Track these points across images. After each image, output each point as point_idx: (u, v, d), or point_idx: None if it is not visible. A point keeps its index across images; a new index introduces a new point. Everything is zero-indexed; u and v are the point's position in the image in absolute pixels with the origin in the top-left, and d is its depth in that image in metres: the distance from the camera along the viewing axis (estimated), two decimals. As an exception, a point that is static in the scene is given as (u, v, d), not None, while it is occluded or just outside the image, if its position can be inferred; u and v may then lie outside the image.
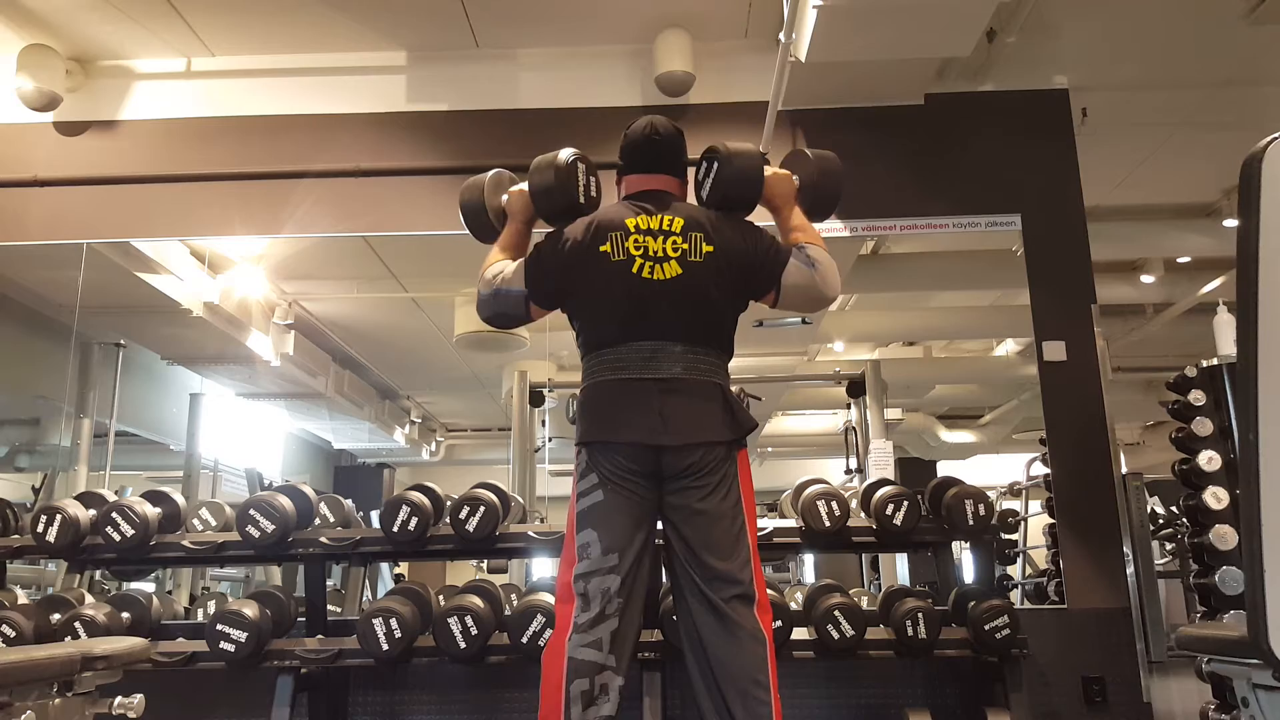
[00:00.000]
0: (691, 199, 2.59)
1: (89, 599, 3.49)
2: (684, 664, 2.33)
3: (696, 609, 2.29)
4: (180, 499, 3.56)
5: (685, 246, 2.37)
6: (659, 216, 2.42)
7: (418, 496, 3.34)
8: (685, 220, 2.42)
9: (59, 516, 3.30)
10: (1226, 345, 3.50)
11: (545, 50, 4.41)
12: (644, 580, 2.35)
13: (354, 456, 8.76)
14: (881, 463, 4.50)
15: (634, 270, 2.35)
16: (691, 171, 2.62)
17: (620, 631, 2.25)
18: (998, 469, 7.36)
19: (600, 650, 2.23)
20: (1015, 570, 6.36)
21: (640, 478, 2.33)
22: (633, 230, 2.39)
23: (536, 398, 5.35)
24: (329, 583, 3.86)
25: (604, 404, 2.35)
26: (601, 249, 2.37)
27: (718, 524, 2.31)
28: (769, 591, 3.20)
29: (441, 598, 3.57)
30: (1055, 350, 3.95)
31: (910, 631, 3.12)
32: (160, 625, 3.40)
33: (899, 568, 4.88)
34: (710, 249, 2.38)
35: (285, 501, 3.32)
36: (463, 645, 3.08)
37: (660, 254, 2.35)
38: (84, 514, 3.35)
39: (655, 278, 2.34)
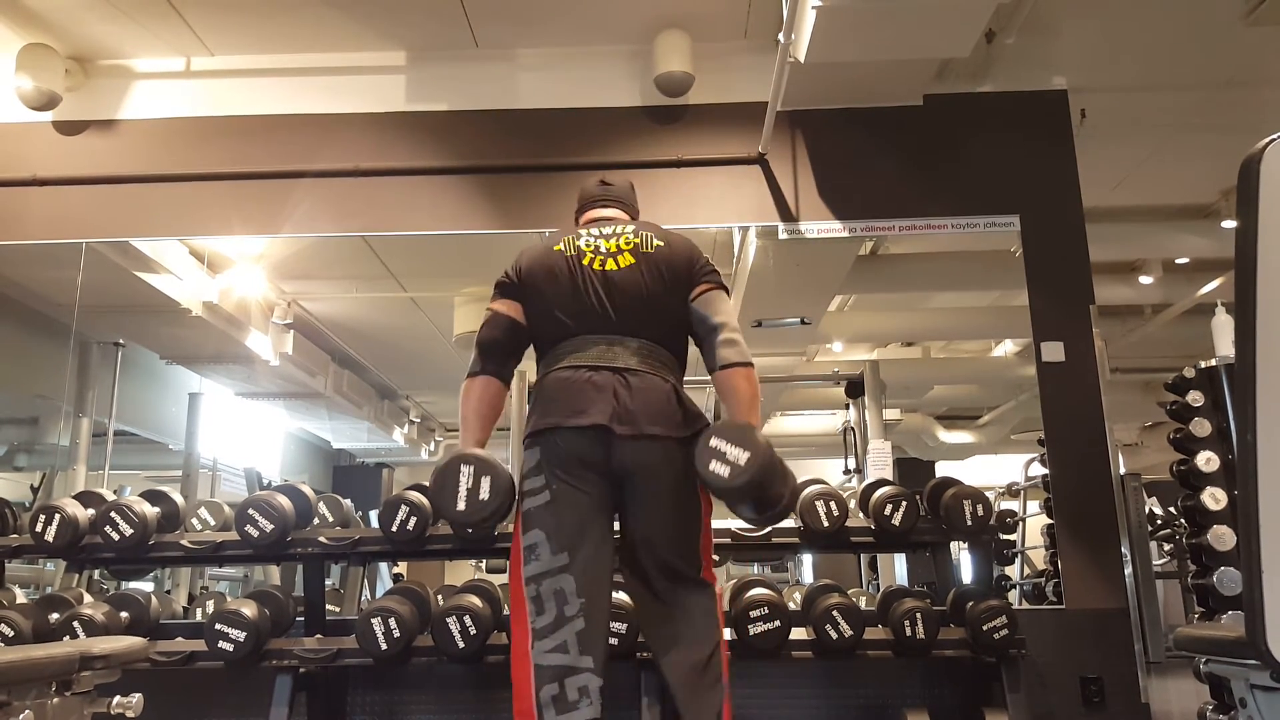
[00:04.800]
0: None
1: (87, 598, 3.49)
2: None
3: (650, 598, 2.34)
4: (179, 498, 3.56)
5: (637, 241, 2.49)
6: (611, 226, 2.57)
7: (417, 496, 3.33)
8: (636, 226, 2.57)
9: (58, 516, 3.29)
10: (1225, 346, 3.51)
11: (545, 50, 4.41)
12: (607, 577, 2.32)
13: (353, 456, 8.77)
14: (880, 463, 4.50)
15: (585, 263, 2.45)
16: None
17: (587, 632, 2.21)
18: (996, 469, 7.37)
19: (567, 653, 2.19)
20: (1013, 570, 6.36)
21: (590, 471, 2.30)
22: (584, 234, 2.53)
23: (535, 398, 5.34)
24: (328, 582, 3.86)
25: (559, 392, 2.35)
26: (555, 248, 2.51)
27: (672, 520, 2.33)
28: (768, 591, 3.23)
29: (440, 597, 3.57)
30: (1054, 351, 3.95)
31: (908, 632, 3.12)
32: (159, 625, 3.39)
33: (897, 568, 4.87)
34: (661, 244, 2.50)
35: (284, 501, 3.32)
36: (461, 645, 3.08)
37: (613, 249, 2.47)
38: (83, 513, 3.35)
39: (609, 269, 2.43)
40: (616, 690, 2.41)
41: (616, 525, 2.43)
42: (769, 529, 3.37)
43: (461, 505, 2.23)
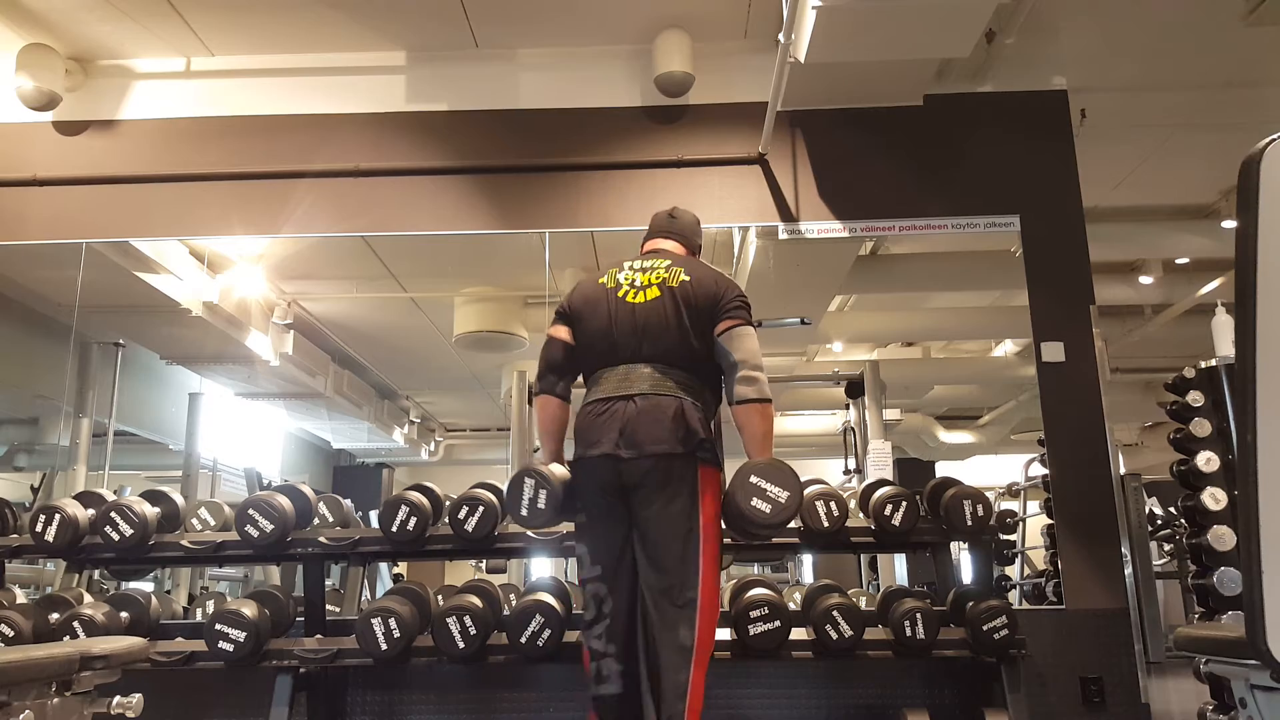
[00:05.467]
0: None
1: (88, 598, 3.49)
2: None
3: (647, 608, 2.59)
4: (179, 499, 3.56)
5: (665, 275, 2.72)
6: (654, 259, 2.81)
7: (417, 496, 3.34)
8: (672, 260, 2.80)
9: (58, 516, 3.30)
10: (1225, 346, 3.51)
11: (545, 50, 4.42)
12: (632, 583, 2.61)
13: (353, 456, 8.77)
14: (880, 463, 4.50)
15: (620, 295, 2.72)
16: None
17: (612, 627, 2.59)
18: (996, 469, 7.38)
19: (602, 642, 2.59)
20: (1013, 571, 6.37)
21: (609, 493, 2.60)
22: (627, 268, 2.79)
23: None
24: (328, 582, 3.86)
25: (585, 424, 2.67)
26: (600, 281, 2.79)
27: (665, 531, 2.55)
28: (768, 591, 3.23)
29: (440, 598, 3.57)
30: (1054, 351, 3.95)
31: (909, 632, 3.12)
32: (159, 625, 3.40)
33: (897, 568, 4.88)
34: (686, 278, 2.71)
35: (284, 501, 3.32)
36: (461, 645, 3.08)
37: (645, 283, 2.72)
38: (83, 513, 3.35)
39: (637, 301, 2.69)
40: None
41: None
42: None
43: (524, 512, 2.67)
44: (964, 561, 4.88)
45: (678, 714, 2.47)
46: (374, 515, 3.52)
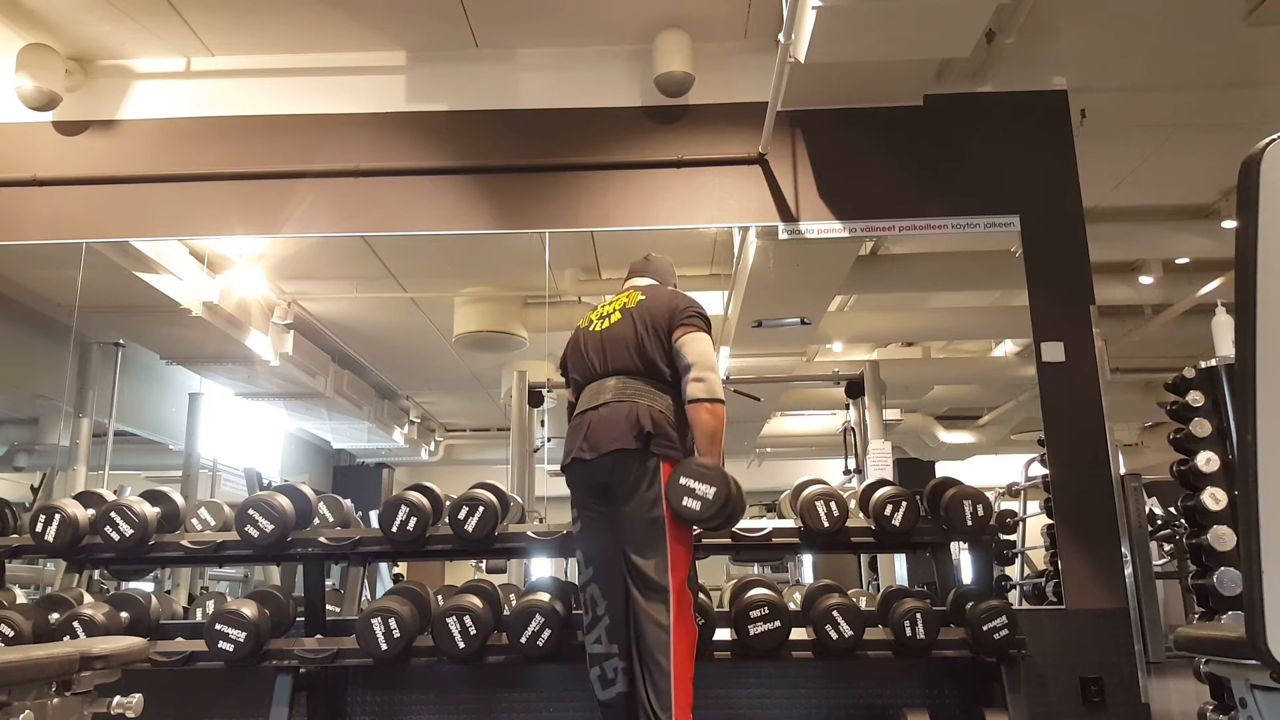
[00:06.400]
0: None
1: (88, 598, 3.49)
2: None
3: (630, 590, 2.75)
4: (179, 499, 3.57)
5: (626, 300, 3.00)
6: (624, 295, 3.04)
7: (417, 496, 3.34)
8: (635, 288, 3.07)
9: (58, 516, 3.30)
10: (1225, 346, 3.51)
11: (545, 50, 4.42)
12: (622, 579, 2.76)
13: (353, 456, 8.77)
14: (880, 463, 4.50)
15: (588, 328, 3.01)
16: None
17: (612, 626, 2.76)
18: (996, 470, 7.37)
19: (602, 644, 2.76)
20: (1013, 571, 6.36)
21: (591, 497, 2.84)
22: (598, 306, 3.06)
23: (535, 398, 5.34)
24: (328, 582, 3.86)
25: (567, 438, 2.92)
26: (579, 324, 3.08)
27: (635, 523, 2.73)
28: (768, 591, 3.24)
29: (440, 598, 3.57)
30: (1054, 351, 3.96)
31: (909, 632, 3.12)
32: (159, 625, 3.40)
33: (897, 568, 4.87)
34: (643, 298, 2.97)
35: (284, 501, 3.32)
36: (461, 645, 3.08)
37: (609, 312, 3.00)
38: (83, 513, 3.35)
39: (603, 329, 2.96)
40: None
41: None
42: (770, 529, 3.38)
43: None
44: (964, 561, 4.88)
45: (664, 693, 2.57)
46: (374, 515, 3.52)
